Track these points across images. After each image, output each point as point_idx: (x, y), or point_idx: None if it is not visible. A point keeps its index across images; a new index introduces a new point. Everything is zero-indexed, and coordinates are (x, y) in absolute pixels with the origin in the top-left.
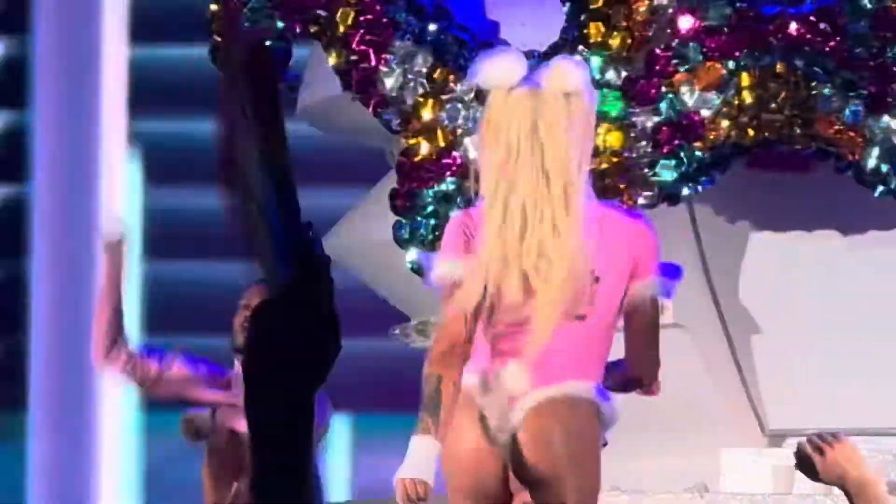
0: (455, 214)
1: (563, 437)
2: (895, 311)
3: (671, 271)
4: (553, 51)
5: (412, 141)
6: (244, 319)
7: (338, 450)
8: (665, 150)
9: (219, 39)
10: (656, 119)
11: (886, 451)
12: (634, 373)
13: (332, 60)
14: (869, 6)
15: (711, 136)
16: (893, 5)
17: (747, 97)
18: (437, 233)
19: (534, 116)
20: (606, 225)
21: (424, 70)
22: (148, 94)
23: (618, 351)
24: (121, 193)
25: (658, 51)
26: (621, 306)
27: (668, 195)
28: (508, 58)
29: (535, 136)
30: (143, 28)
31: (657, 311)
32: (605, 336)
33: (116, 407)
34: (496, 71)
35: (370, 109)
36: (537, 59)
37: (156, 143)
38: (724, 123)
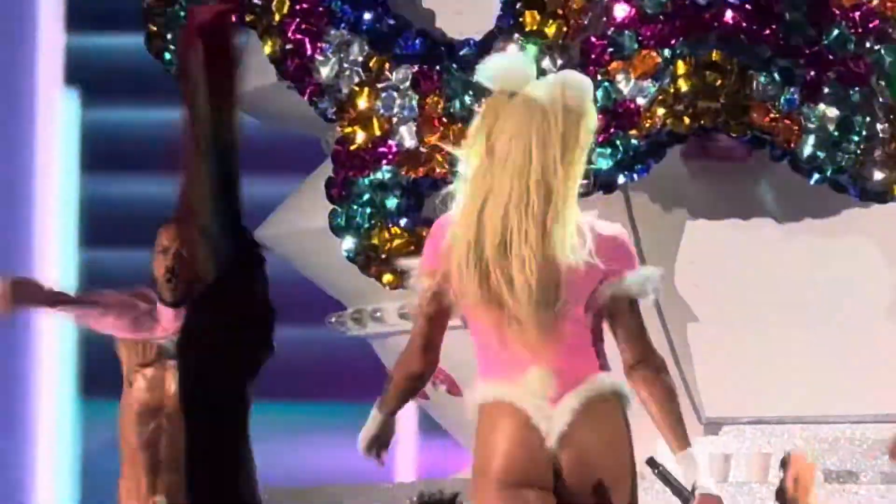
0: (437, 221)
1: (603, 445)
2: (830, 300)
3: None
4: (489, 39)
5: (348, 129)
6: (165, 272)
7: (274, 437)
8: (601, 139)
9: (154, 28)
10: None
11: (822, 439)
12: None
13: (267, 49)
14: None
15: (647, 125)
16: None
17: (683, 85)
18: (373, 221)
19: (529, 126)
20: (588, 233)
21: (360, 59)
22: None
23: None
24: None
25: (593, 39)
26: (598, 303)
27: (604, 183)
28: (518, 62)
29: (526, 146)
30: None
31: (637, 308)
32: (595, 329)
33: (52, 395)
34: (504, 73)
35: (305, 98)
36: (473, 48)
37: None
38: (660, 111)
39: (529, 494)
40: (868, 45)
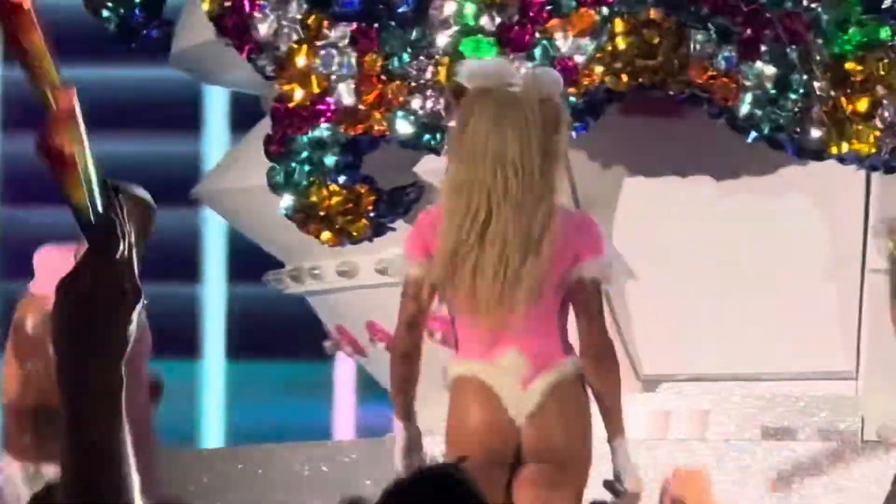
0: (420, 215)
1: (567, 427)
2: (767, 259)
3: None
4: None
5: (286, 87)
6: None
7: (213, 395)
8: None
9: None
10: (530, 64)
11: (759, 396)
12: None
13: (205, 6)
14: None
15: (585, 83)
16: None
17: (621, 43)
18: (311, 178)
19: (507, 118)
20: (560, 219)
21: (298, 16)
22: None
23: None
24: None
25: None
26: (566, 286)
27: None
28: (498, 64)
29: (504, 138)
30: None
31: (600, 293)
32: (563, 312)
33: None
34: (481, 72)
35: (244, 56)
36: (411, 4)
37: None
38: (598, 69)
39: (495, 471)
40: (805, 2)
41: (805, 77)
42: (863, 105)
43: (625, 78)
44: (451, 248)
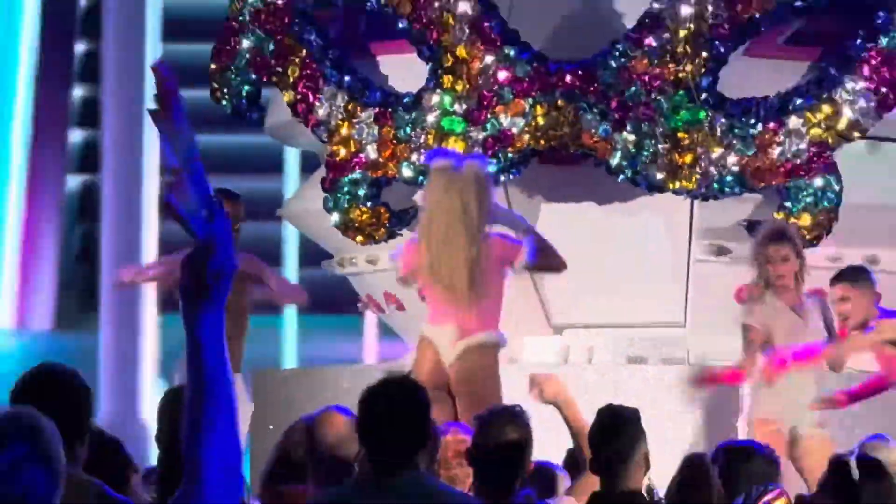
0: (406, 241)
1: (475, 374)
2: (632, 250)
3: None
4: (422, 92)
5: (335, 148)
6: None
7: (289, 336)
8: (490, 153)
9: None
10: (484, 134)
11: (625, 337)
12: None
13: (286, 98)
14: (615, 65)
15: (518, 145)
16: (631, 64)
17: (540, 121)
18: (350, 204)
19: (454, 186)
20: (492, 243)
21: (342, 104)
22: None
23: None
24: None
25: (485, 92)
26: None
27: (494, 180)
28: (448, 156)
29: (454, 197)
30: None
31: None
32: (498, 300)
33: None
34: (440, 162)
35: (309, 128)
36: (412, 97)
37: None
38: (526, 137)
39: (439, 393)
40: (653, 96)
41: (653, 141)
42: (689, 159)
43: (542, 142)
44: (428, 262)
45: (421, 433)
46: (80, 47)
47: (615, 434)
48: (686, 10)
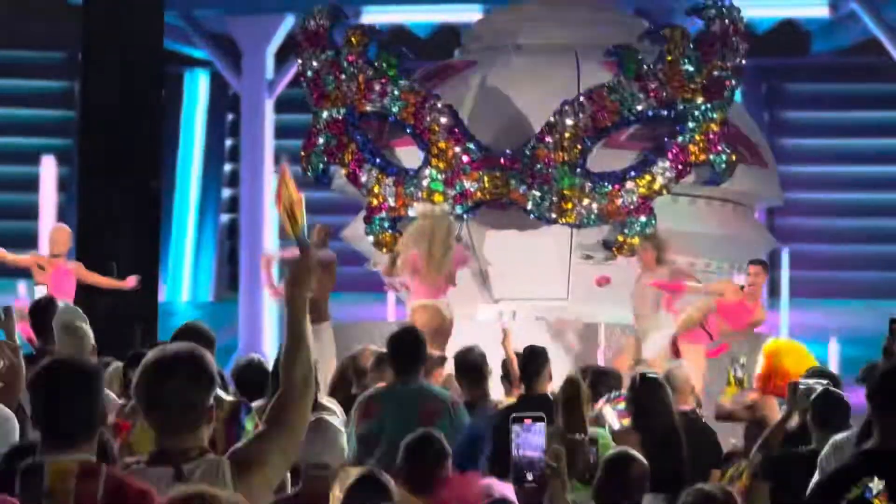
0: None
1: (430, 320)
2: (541, 255)
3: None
4: (419, 168)
5: (370, 199)
6: None
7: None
8: (459, 201)
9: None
10: (454, 192)
11: (538, 307)
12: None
13: (343, 171)
14: (528, 153)
15: (474, 198)
16: (537, 152)
17: (487, 184)
18: (380, 231)
19: (429, 223)
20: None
21: (375, 175)
22: None
23: None
24: None
25: (455, 168)
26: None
27: (458, 217)
28: (425, 207)
29: (428, 230)
30: None
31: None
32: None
33: None
34: (421, 208)
35: (357, 188)
36: (414, 171)
37: None
38: (479, 194)
39: (429, 331)
40: (550, 170)
41: (549, 195)
42: (570, 205)
43: (488, 196)
44: (418, 265)
45: (422, 358)
46: (228, 142)
47: (532, 361)
48: (569, 121)
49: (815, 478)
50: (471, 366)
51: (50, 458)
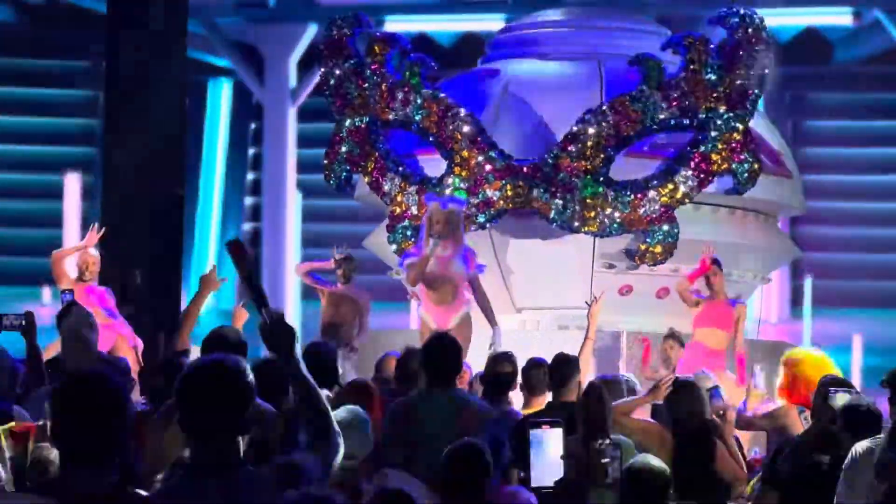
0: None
1: (462, 333)
2: (563, 264)
3: (479, 267)
4: (442, 177)
5: (393, 207)
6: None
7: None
8: (479, 210)
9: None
10: (476, 200)
11: (557, 314)
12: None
13: (366, 180)
14: (551, 162)
15: (497, 206)
16: (559, 161)
17: (509, 193)
18: (402, 239)
19: (442, 213)
20: (468, 257)
21: (398, 183)
22: None
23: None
24: None
25: (478, 177)
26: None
27: (480, 226)
28: (438, 199)
29: (441, 220)
30: None
31: (478, 280)
32: (464, 291)
33: None
34: (433, 203)
35: (380, 197)
36: (436, 178)
37: None
38: (501, 202)
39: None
40: (572, 179)
41: (572, 204)
42: (592, 214)
43: (510, 205)
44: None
45: (459, 365)
46: (251, 151)
47: (561, 368)
48: (592, 130)
49: (840, 487)
50: (498, 374)
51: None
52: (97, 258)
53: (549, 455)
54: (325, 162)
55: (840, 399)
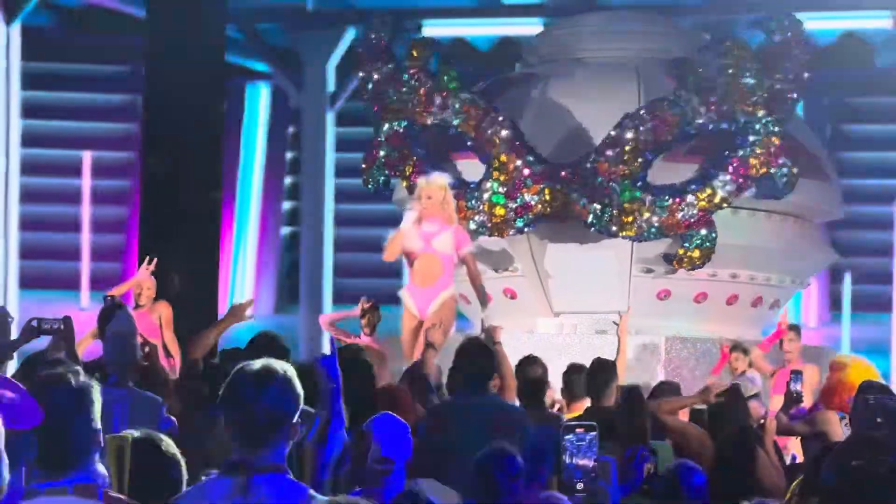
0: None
1: (438, 316)
2: (602, 267)
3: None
4: (481, 181)
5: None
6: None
7: None
8: (518, 215)
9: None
10: (514, 204)
11: (595, 318)
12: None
13: (403, 184)
14: (588, 166)
15: (535, 211)
16: (597, 165)
17: (548, 197)
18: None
19: (428, 190)
20: (455, 234)
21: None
22: None
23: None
24: None
25: (516, 181)
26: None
27: (518, 230)
28: (436, 175)
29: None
30: None
31: (473, 257)
32: (452, 271)
33: None
34: (430, 178)
35: (413, 197)
36: (475, 183)
37: None
38: (539, 206)
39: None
40: (610, 183)
41: (610, 209)
42: (630, 219)
43: (548, 209)
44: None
45: (492, 370)
46: (289, 155)
47: (600, 373)
48: (630, 135)
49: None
50: (529, 378)
51: None
52: (152, 282)
53: (582, 458)
54: (364, 166)
55: (880, 404)
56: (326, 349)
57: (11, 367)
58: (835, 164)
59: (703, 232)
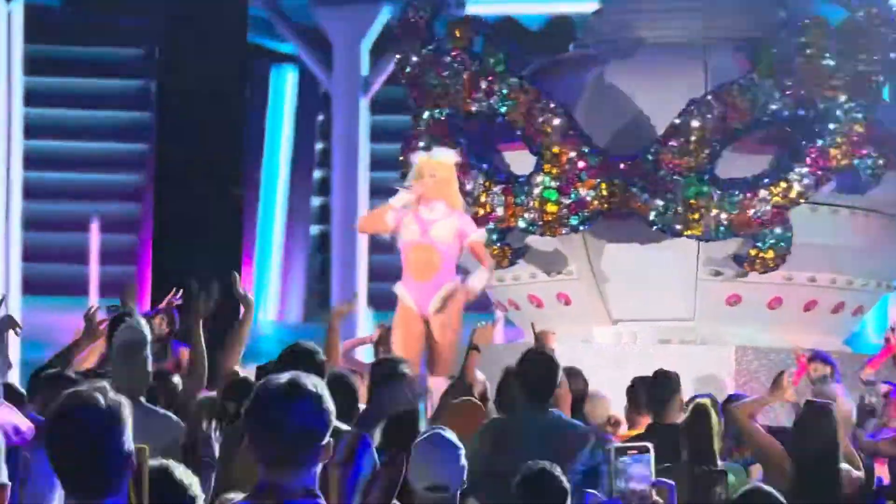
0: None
1: (446, 314)
2: (664, 271)
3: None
4: (531, 175)
5: (477, 209)
6: None
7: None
8: (571, 212)
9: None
10: (568, 200)
11: (657, 326)
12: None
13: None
14: (651, 158)
15: (591, 208)
16: (660, 157)
17: (604, 192)
18: (489, 248)
19: (433, 167)
20: (459, 221)
21: (482, 182)
22: None
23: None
24: None
25: (570, 175)
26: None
27: (572, 229)
28: (443, 150)
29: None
30: None
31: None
32: (454, 263)
33: None
34: (436, 153)
35: (462, 197)
36: (523, 177)
37: None
38: (595, 203)
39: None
40: (674, 177)
41: (674, 205)
42: (696, 216)
43: (606, 206)
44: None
45: (555, 384)
46: (318, 146)
47: (662, 387)
48: (696, 123)
49: None
50: (573, 392)
51: None
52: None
53: (636, 482)
54: (402, 158)
55: None
56: (361, 360)
57: (14, 375)
58: None
59: (778, 231)
